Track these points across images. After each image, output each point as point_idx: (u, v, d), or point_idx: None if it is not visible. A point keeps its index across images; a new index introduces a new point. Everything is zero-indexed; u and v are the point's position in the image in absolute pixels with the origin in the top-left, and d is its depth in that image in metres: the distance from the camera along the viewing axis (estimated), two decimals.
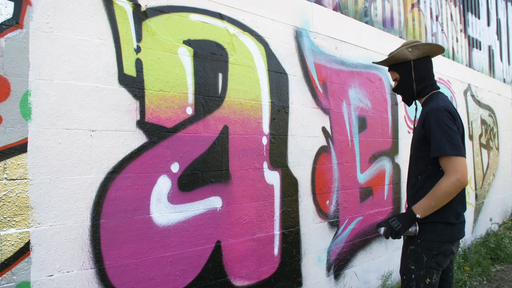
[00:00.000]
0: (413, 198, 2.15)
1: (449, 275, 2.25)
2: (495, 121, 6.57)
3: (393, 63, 2.25)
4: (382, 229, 2.12)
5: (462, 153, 1.97)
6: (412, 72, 2.17)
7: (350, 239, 3.47)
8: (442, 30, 5.23)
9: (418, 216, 2.03)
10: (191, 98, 2.37)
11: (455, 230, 2.11)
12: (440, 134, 1.97)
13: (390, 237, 2.11)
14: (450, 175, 1.95)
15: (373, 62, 2.54)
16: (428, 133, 2.03)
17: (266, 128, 2.77)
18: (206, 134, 2.43)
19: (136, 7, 2.15)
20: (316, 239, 3.13)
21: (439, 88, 2.24)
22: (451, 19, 5.50)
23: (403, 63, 2.19)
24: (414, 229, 2.08)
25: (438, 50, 2.23)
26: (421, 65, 2.18)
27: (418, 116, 2.24)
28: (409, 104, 2.28)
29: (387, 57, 2.28)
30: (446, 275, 2.23)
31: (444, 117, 1.99)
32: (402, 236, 2.14)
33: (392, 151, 3.99)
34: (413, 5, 4.61)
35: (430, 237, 2.07)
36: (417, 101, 2.27)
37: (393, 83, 1.95)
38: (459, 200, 2.11)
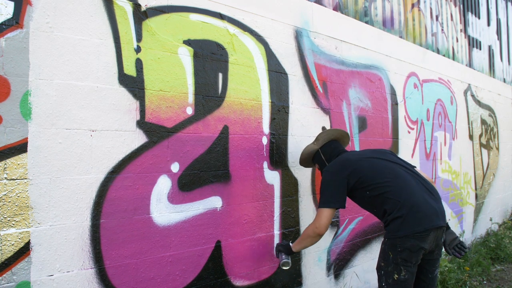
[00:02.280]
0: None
1: (428, 277, 2.27)
2: (495, 121, 6.57)
3: (308, 157, 2.71)
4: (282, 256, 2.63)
5: (327, 206, 2.33)
6: (322, 156, 2.63)
7: (350, 239, 3.47)
8: (442, 30, 5.23)
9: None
10: (191, 98, 2.37)
11: (408, 222, 2.17)
12: (324, 189, 2.39)
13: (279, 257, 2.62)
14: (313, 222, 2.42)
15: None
16: None
17: (266, 128, 2.77)
18: (206, 134, 2.43)
19: (136, 7, 2.15)
20: None
21: (343, 151, 2.60)
22: (451, 19, 5.50)
23: (315, 155, 2.68)
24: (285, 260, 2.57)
25: (340, 133, 2.69)
26: (327, 148, 2.63)
27: None
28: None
29: (299, 160, 2.79)
30: (425, 276, 2.27)
31: (325, 176, 2.42)
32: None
33: (392, 151, 3.99)
34: (413, 5, 4.61)
35: (392, 234, 2.20)
36: None
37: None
38: (398, 190, 2.25)
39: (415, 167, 2.50)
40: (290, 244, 2.57)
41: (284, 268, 2.59)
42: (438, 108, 4.79)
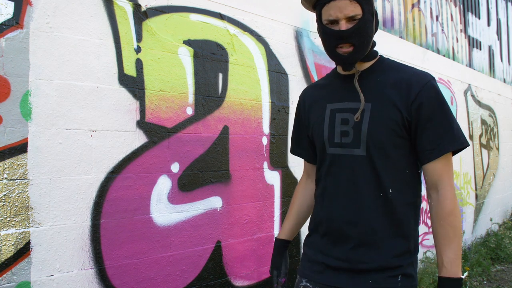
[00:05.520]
0: (382, 228, 1.37)
1: None
2: (495, 121, 6.56)
3: None
4: None
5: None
6: (374, 20, 1.43)
7: None
8: (442, 30, 5.23)
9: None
10: (191, 98, 2.37)
11: (306, 252, 1.53)
12: (453, 119, 1.35)
13: None
14: (450, 187, 1.33)
15: None
16: (427, 116, 1.32)
17: (266, 128, 2.77)
18: (206, 134, 2.43)
19: (136, 7, 2.15)
20: None
21: None
22: (451, 19, 5.50)
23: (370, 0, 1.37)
24: None
25: None
26: (376, 21, 1.47)
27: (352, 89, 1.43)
28: (349, 67, 1.39)
29: None
30: None
31: (443, 96, 1.37)
32: None
33: None
34: (413, 5, 4.61)
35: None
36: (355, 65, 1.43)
37: (343, 23, 1.31)
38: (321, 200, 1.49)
39: None
40: (462, 276, 1.35)
41: None
42: None
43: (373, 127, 1.35)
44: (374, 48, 1.49)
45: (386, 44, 3.99)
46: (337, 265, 1.40)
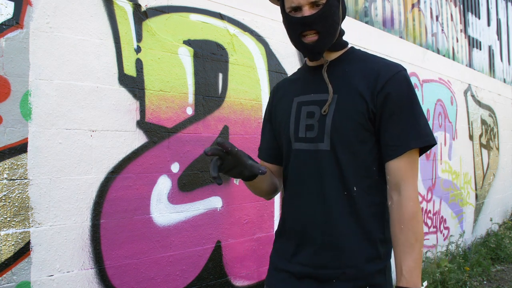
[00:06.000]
0: (344, 230, 1.26)
1: None
2: (495, 121, 6.56)
3: None
4: None
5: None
6: (340, 6, 1.32)
7: None
8: (442, 30, 5.23)
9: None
10: (191, 98, 2.37)
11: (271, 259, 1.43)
12: (422, 114, 1.25)
13: None
14: (413, 189, 1.21)
15: None
16: (392, 108, 1.22)
17: None
18: (206, 134, 2.43)
19: (136, 7, 2.15)
20: None
21: None
22: (451, 19, 5.50)
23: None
24: None
25: None
26: (343, 7, 1.35)
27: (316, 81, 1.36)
28: (316, 56, 1.31)
29: None
30: None
31: (414, 90, 1.27)
32: None
33: None
34: (413, 5, 4.61)
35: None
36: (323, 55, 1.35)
37: (306, 9, 1.25)
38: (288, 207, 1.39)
39: None
40: (422, 286, 1.24)
41: None
42: (438, 108, 4.79)
43: (338, 119, 1.24)
44: (344, 39, 1.40)
45: (386, 44, 3.99)
46: (300, 271, 1.30)
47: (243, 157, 1.24)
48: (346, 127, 1.24)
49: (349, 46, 1.40)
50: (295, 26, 1.29)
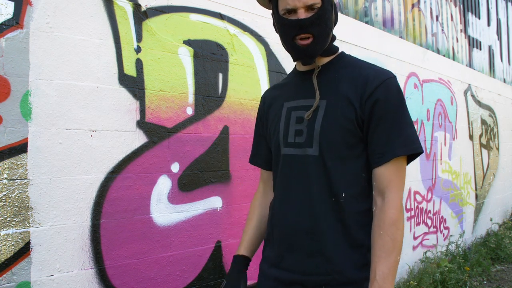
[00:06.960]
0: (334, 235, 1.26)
1: None
2: (495, 121, 6.57)
3: None
4: None
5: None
6: (333, 11, 1.32)
7: None
8: (442, 30, 5.23)
9: None
10: (191, 98, 2.37)
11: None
12: (410, 121, 1.25)
13: None
14: (397, 196, 1.21)
15: None
16: (380, 114, 1.22)
17: None
18: (206, 134, 2.43)
19: (136, 7, 2.15)
20: None
21: None
22: (451, 19, 5.50)
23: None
24: None
25: None
26: (335, 12, 1.35)
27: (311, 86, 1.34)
28: (309, 60, 1.31)
29: None
30: None
31: (403, 97, 1.27)
32: None
33: None
34: (413, 5, 4.61)
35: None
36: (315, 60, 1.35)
37: (301, 12, 1.24)
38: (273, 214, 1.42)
39: None
40: None
41: None
42: (438, 108, 4.79)
43: (327, 125, 1.24)
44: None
45: (386, 44, 3.99)
46: (288, 278, 1.31)
47: None
48: (334, 132, 1.24)
49: (340, 51, 1.40)
50: (290, 29, 1.27)
